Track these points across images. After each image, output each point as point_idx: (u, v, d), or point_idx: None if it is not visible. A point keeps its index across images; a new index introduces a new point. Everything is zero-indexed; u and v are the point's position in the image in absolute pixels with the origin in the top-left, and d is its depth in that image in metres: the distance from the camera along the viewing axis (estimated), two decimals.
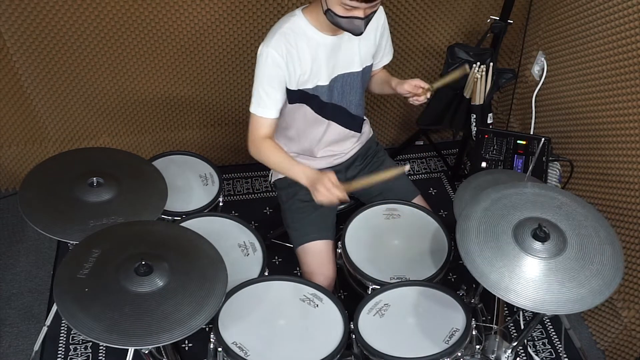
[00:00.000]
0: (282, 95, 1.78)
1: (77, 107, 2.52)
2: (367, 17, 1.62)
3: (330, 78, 1.82)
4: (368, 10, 1.60)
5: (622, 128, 2.10)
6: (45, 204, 1.65)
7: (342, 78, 1.84)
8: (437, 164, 3.05)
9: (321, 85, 1.81)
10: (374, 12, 1.65)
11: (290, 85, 1.78)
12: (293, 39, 1.72)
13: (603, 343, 2.30)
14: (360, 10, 1.58)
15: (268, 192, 2.81)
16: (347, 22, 1.62)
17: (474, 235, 1.48)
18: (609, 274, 1.40)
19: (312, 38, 1.74)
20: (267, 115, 1.78)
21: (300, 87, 1.80)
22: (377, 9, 1.64)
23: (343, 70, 1.83)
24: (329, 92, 1.84)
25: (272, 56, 1.70)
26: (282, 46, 1.71)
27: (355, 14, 1.59)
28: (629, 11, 2.00)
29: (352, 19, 1.60)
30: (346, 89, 1.87)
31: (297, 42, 1.73)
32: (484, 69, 2.38)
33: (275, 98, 1.76)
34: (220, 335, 1.55)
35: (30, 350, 2.14)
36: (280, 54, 1.71)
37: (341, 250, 1.86)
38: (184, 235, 1.60)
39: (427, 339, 1.60)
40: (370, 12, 1.62)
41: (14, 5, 2.13)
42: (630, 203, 2.09)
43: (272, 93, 1.75)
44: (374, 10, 1.63)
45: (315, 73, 1.79)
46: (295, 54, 1.73)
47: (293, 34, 1.73)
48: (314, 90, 1.81)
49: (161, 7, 2.26)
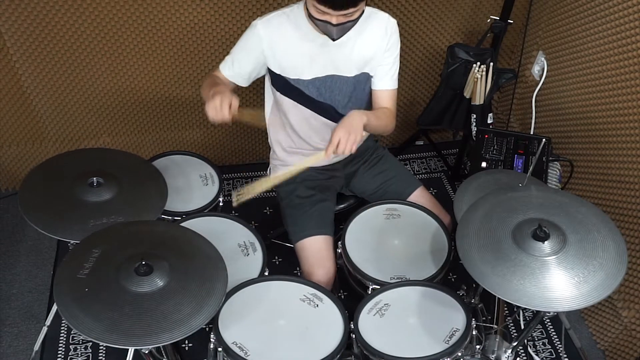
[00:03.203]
0: (252, 68, 1.81)
1: (77, 107, 2.52)
2: (341, 25, 1.60)
3: (317, 76, 1.81)
4: (341, 18, 1.58)
5: (622, 128, 2.10)
6: (45, 204, 1.65)
7: (332, 80, 1.83)
8: (437, 164, 3.05)
9: (303, 80, 1.81)
10: (352, 22, 1.62)
11: (272, 66, 1.81)
12: (286, 25, 1.74)
13: (603, 343, 2.30)
14: (333, 17, 1.57)
15: (268, 192, 2.80)
16: (321, 25, 1.62)
17: (474, 239, 1.49)
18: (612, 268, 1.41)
19: (305, 32, 1.74)
20: (225, 73, 1.83)
21: (282, 74, 1.81)
22: (354, 18, 1.61)
23: (334, 72, 1.82)
24: (313, 89, 1.84)
25: (257, 32, 1.74)
26: (273, 27, 1.74)
27: (327, 18, 1.59)
28: (629, 11, 2.00)
29: (325, 23, 1.60)
30: (334, 90, 1.86)
31: (288, 29, 1.74)
32: (484, 69, 2.38)
33: (243, 67, 1.81)
34: (220, 335, 1.55)
35: (30, 350, 2.14)
36: (267, 33, 1.74)
37: (341, 250, 1.86)
38: (184, 235, 1.60)
39: (428, 338, 1.60)
40: (344, 21, 1.60)
41: (14, 5, 2.13)
42: (630, 203, 2.09)
43: (243, 62, 1.81)
44: (350, 19, 1.61)
45: (297, 66, 1.79)
46: (283, 39, 1.75)
47: (288, 21, 1.74)
48: (295, 82, 1.82)
49: (161, 7, 2.26)
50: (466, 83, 2.46)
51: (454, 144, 3.04)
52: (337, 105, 1.90)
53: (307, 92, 1.84)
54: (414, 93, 2.89)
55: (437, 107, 2.62)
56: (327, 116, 1.91)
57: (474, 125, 2.49)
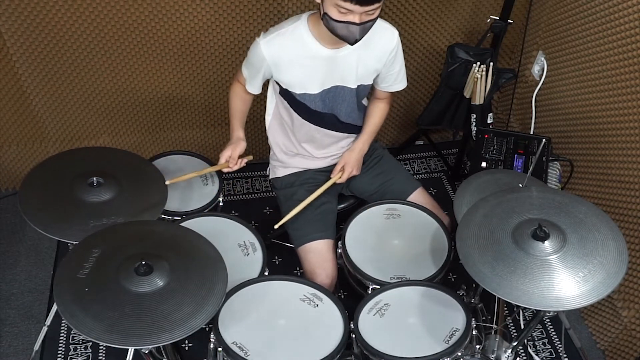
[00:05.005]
0: (261, 80, 1.87)
1: (77, 107, 2.52)
2: (363, 24, 1.60)
3: (323, 88, 1.82)
4: (364, 17, 1.58)
5: (622, 128, 2.10)
6: (45, 204, 1.65)
7: (336, 90, 1.84)
8: (437, 164, 3.05)
9: (310, 94, 1.82)
10: (372, 22, 1.62)
11: (278, 80, 1.82)
12: (289, 43, 1.73)
13: (603, 343, 2.30)
14: (356, 15, 1.56)
15: (268, 192, 2.81)
16: (342, 27, 1.60)
17: (474, 240, 1.49)
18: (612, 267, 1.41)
19: (309, 48, 1.73)
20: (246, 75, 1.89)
21: (289, 89, 1.82)
22: (375, 16, 1.61)
23: (338, 82, 1.83)
24: (318, 101, 1.85)
25: (259, 52, 1.75)
26: (275, 47, 1.74)
27: (350, 18, 1.57)
28: (629, 11, 2.00)
29: (347, 24, 1.59)
30: (338, 99, 1.87)
31: (292, 47, 1.74)
32: (484, 69, 2.38)
33: (253, 78, 1.86)
34: (220, 335, 1.55)
35: (30, 350, 2.14)
36: (269, 53, 1.74)
37: (341, 250, 1.86)
38: (184, 235, 1.60)
39: (428, 338, 1.60)
40: (367, 19, 1.59)
41: (14, 5, 2.13)
42: (630, 203, 2.09)
43: (252, 75, 1.86)
44: (371, 18, 1.61)
45: (304, 81, 1.80)
46: (286, 58, 1.75)
47: (291, 38, 1.73)
48: (301, 97, 1.83)
49: (161, 7, 2.26)
50: (466, 83, 2.46)
51: (454, 144, 3.03)
52: (339, 114, 1.92)
53: (312, 106, 1.85)
54: (414, 93, 2.89)
55: (437, 107, 2.62)
56: (329, 127, 1.94)
57: (474, 125, 2.49)
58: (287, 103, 1.88)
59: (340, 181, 1.99)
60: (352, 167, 1.98)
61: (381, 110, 2.02)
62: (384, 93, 1.99)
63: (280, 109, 1.93)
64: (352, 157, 1.99)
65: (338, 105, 1.88)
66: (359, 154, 2.00)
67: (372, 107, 2.03)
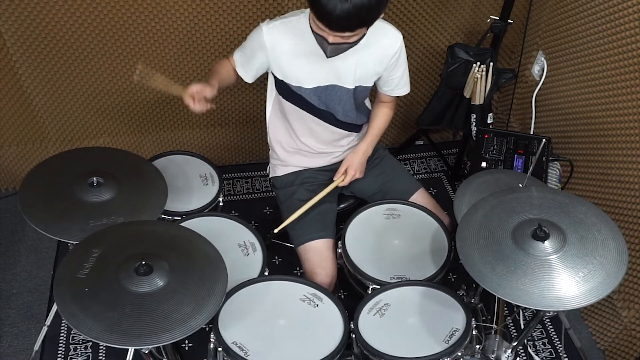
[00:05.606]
0: (257, 67, 1.83)
1: (77, 107, 2.52)
2: (336, 45, 1.59)
3: (318, 85, 1.82)
4: (338, 39, 1.57)
5: (622, 128, 2.10)
6: (45, 204, 1.65)
7: (332, 88, 1.84)
8: (437, 164, 3.05)
9: (304, 88, 1.82)
10: (348, 45, 1.61)
11: (274, 71, 1.82)
12: (290, 34, 1.74)
13: (603, 343, 2.30)
14: (329, 36, 1.56)
15: (268, 192, 2.81)
16: (318, 39, 1.62)
17: (474, 240, 1.49)
18: (612, 267, 1.41)
19: (308, 42, 1.73)
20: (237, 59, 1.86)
21: (285, 80, 1.81)
22: (350, 41, 1.60)
23: (335, 81, 1.82)
24: (312, 96, 1.84)
25: (260, 36, 1.75)
26: (276, 35, 1.74)
27: (324, 35, 1.58)
28: (629, 11, 2.00)
29: (322, 39, 1.60)
30: (334, 98, 1.87)
31: (292, 38, 1.74)
32: (484, 69, 2.38)
33: (249, 64, 1.83)
34: (220, 335, 1.55)
35: (30, 350, 2.14)
36: (270, 39, 1.74)
37: (341, 250, 1.86)
38: (184, 235, 1.60)
39: (427, 338, 1.60)
40: (341, 42, 1.58)
41: (14, 5, 2.13)
42: (630, 203, 2.09)
43: (249, 60, 1.83)
44: (347, 42, 1.59)
45: (299, 75, 1.79)
46: (286, 48, 1.75)
47: (293, 30, 1.74)
48: (297, 89, 1.83)
49: (161, 7, 2.26)
50: (466, 83, 2.46)
51: (454, 144, 3.03)
52: (337, 113, 1.91)
53: (308, 99, 1.85)
54: (414, 93, 2.89)
55: (437, 107, 2.62)
56: (326, 121, 1.93)
57: (474, 125, 2.49)
58: (284, 95, 1.87)
59: (343, 184, 1.97)
60: (355, 170, 1.96)
61: (385, 115, 2.02)
62: (388, 97, 1.98)
63: (279, 102, 1.93)
64: (356, 159, 1.97)
65: (334, 103, 1.88)
66: (362, 157, 1.98)
67: (376, 110, 2.02)
